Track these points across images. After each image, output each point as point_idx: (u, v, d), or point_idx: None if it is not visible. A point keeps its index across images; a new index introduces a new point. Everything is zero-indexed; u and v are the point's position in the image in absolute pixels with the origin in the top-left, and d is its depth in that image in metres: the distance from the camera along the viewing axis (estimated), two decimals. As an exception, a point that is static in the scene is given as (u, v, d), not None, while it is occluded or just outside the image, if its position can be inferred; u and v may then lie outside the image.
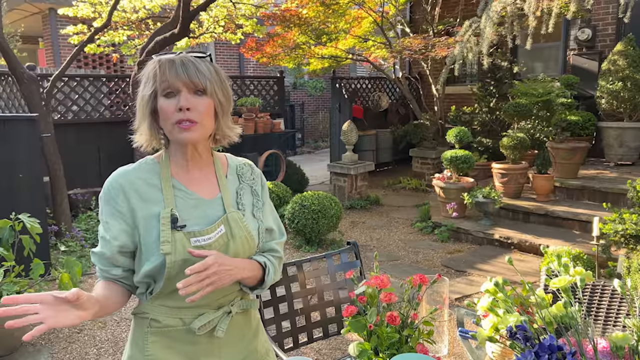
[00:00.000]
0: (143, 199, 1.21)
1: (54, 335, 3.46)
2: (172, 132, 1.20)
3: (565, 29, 7.49)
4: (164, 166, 1.26)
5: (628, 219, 3.66)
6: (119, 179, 1.23)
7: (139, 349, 1.25)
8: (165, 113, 1.18)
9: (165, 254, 1.16)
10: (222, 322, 1.26)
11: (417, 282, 1.42)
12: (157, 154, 1.30)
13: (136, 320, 1.28)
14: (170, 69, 1.17)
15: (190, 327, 1.23)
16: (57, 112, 6.40)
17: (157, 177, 1.25)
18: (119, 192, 1.21)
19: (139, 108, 1.23)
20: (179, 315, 1.24)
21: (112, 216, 1.21)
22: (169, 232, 1.18)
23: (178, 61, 1.18)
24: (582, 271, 1.13)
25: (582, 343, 1.07)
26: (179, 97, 1.18)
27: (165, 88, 1.18)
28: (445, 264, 4.76)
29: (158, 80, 1.18)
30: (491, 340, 1.14)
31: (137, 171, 1.25)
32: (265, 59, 7.82)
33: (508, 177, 5.83)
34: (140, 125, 1.25)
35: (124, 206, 1.20)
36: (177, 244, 1.18)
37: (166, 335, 1.24)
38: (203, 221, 1.24)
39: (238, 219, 1.28)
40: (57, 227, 4.97)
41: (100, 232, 1.23)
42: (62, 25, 8.81)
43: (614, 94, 6.20)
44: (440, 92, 8.24)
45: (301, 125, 14.07)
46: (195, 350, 1.26)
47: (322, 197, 5.22)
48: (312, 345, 2.92)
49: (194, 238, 1.20)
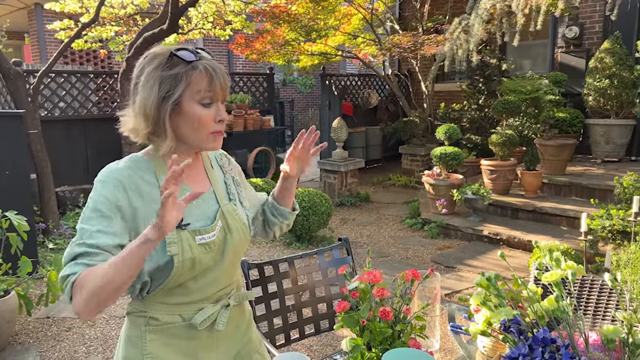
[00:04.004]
0: (142, 197, 1.16)
1: (42, 333, 3.43)
2: (202, 140, 1.19)
3: (553, 26, 7.55)
4: (158, 163, 1.21)
5: (615, 215, 3.70)
6: (117, 175, 1.15)
7: (137, 348, 1.22)
8: (203, 122, 1.16)
9: (172, 255, 1.14)
10: (222, 316, 1.26)
11: (410, 277, 1.43)
12: (144, 150, 1.24)
13: (131, 319, 1.25)
14: (215, 78, 1.15)
15: (190, 323, 1.22)
16: (44, 108, 6.32)
17: (152, 174, 1.20)
18: (119, 188, 1.14)
19: (154, 107, 1.13)
20: (178, 311, 1.22)
21: (111, 211, 1.11)
22: (174, 232, 1.14)
23: (218, 70, 1.15)
24: (574, 265, 1.14)
25: (573, 336, 1.08)
26: (216, 108, 1.17)
27: (205, 97, 1.15)
28: (435, 260, 4.78)
29: (198, 86, 1.14)
30: (484, 334, 1.15)
31: (132, 168, 1.18)
32: (254, 56, 7.78)
33: (497, 173, 5.87)
34: (151, 125, 1.16)
35: (125, 203, 1.13)
36: (184, 244, 1.16)
37: (165, 332, 1.22)
38: (202, 217, 1.23)
39: (232, 210, 1.29)
40: (44, 225, 4.92)
41: (96, 227, 1.09)
42: (49, 20, 8.70)
43: (601, 92, 6.26)
44: (429, 89, 8.27)
45: (291, 122, 14.04)
46: (195, 346, 1.25)
47: (313, 194, 5.22)
48: (303, 341, 2.92)
49: (199, 236, 1.19)
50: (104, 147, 6.65)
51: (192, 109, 1.14)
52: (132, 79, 1.20)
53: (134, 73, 1.19)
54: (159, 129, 1.16)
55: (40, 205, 5.20)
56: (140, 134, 1.19)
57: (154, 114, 1.14)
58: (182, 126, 1.17)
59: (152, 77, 1.14)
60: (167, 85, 1.13)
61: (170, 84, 1.13)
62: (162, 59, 1.15)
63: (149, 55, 1.18)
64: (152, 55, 1.17)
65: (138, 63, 1.19)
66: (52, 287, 3.10)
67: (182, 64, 1.13)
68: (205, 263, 1.20)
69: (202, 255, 1.18)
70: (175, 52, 1.14)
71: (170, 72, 1.13)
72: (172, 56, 1.14)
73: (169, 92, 1.13)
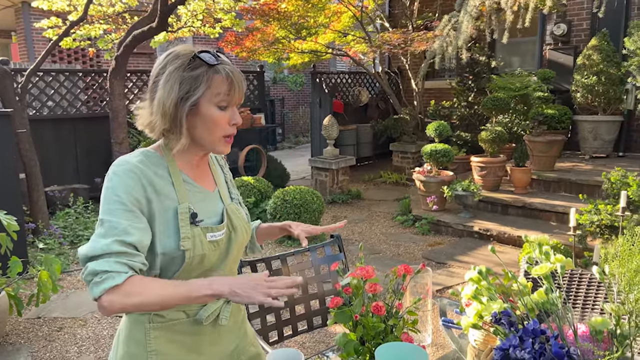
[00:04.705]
0: (157, 191, 1.17)
1: (33, 333, 3.41)
2: (214, 143, 1.22)
3: (542, 23, 7.61)
4: (171, 160, 1.23)
5: (603, 210, 3.75)
6: (132, 168, 1.15)
7: (140, 345, 1.23)
8: (218, 125, 1.19)
9: (185, 250, 1.16)
10: (225, 311, 1.28)
11: (402, 272, 1.44)
12: (154, 146, 1.25)
13: (133, 317, 1.25)
14: (235, 83, 1.18)
15: (195, 319, 1.25)
16: (32, 107, 6.27)
17: (164, 170, 1.21)
18: (136, 181, 1.14)
19: (173, 105, 1.15)
20: (182, 308, 1.24)
21: (133, 204, 1.12)
22: (188, 227, 1.18)
23: (237, 75, 1.19)
24: (563, 258, 1.16)
25: (562, 328, 1.10)
26: (232, 112, 1.21)
27: (223, 101, 1.18)
28: (426, 256, 4.81)
29: (218, 89, 1.16)
30: (475, 327, 1.16)
31: (145, 163, 1.19)
32: (244, 54, 7.77)
33: (487, 170, 5.92)
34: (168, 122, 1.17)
35: (141, 196, 1.14)
36: (196, 240, 1.19)
37: (170, 329, 1.24)
38: (211, 214, 1.27)
39: (235, 210, 1.33)
40: (34, 225, 4.88)
41: (126, 221, 1.09)
42: (36, 18, 8.62)
43: (588, 88, 6.33)
44: (419, 86, 8.31)
45: (281, 120, 14.03)
46: (200, 341, 1.28)
47: (304, 192, 5.22)
48: (296, 338, 2.93)
49: (210, 233, 1.22)
50: (93, 147, 6.60)
51: (210, 111, 1.17)
52: (151, 76, 1.21)
53: (155, 70, 1.20)
54: (175, 127, 1.18)
55: (29, 205, 5.16)
56: (156, 130, 1.21)
57: (172, 112, 1.16)
58: (197, 127, 1.19)
59: (174, 76, 1.16)
60: (187, 85, 1.15)
61: (190, 85, 1.15)
62: (185, 59, 1.16)
63: (172, 54, 1.19)
64: (175, 55, 1.18)
65: (159, 60, 1.20)
66: (42, 287, 3.08)
67: (204, 67, 1.15)
68: (213, 260, 1.24)
69: (211, 253, 1.22)
70: (199, 54, 1.16)
71: (192, 74, 1.15)
72: (195, 58, 1.16)
73: (189, 92, 1.15)
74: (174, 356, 1.24)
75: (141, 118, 1.22)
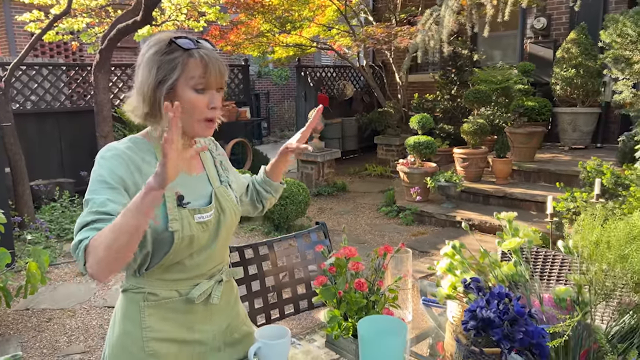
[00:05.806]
0: (142, 176, 1.22)
1: (22, 324, 3.44)
2: (193, 126, 1.23)
3: (522, 17, 7.74)
4: (157, 145, 1.27)
5: (579, 197, 3.88)
6: (119, 153, 1.21)
7: (134, 323, 1.29)
8: (196, 108, 1.21)
9: (174, 231, 1.21)
10: (216, 290, 1.35)
11: (383, 252, 1.52)
12: (143, 132, 1.31)
13: (128, 296, 1.31)
14: (212, 67, 1.19)
15: (187, 297, 1.31)
16: (15, 101, 6.23)
17: (152, 155, 1.26)
18: (122, 164, 1.20)
19: (151, 89, 1.20)
20: (175, 287, 1.30)
21: (117, 183, 1.16)
22: (176, 209, 1.23)
23: (213, 59, 1.20)
24: (530, 234, 1.25)
25: (530, 297, 1.19)
26: (210, 96, 1.22)
27: (199, 84, 1.20)
28: (410, 245, 4.92)
29: (192, 73, 1.19)
30: (449, 298, 1.25)
31: (132, 149, 1.24)
32: (229, 47, 7.78)
33: (469, 161, 6.04)
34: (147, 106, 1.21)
35: (128, 178, 1.19)
36: (184, 221, 1.24)
37: (163, 307, 1.30)
38: (197, 197, 1.31)
39: (224, 192, 1.38)
40: (20, 219, 4.88)
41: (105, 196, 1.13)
42: (17, 12, 8.53)
43: (567, 81, 6.47)
44: (403, 80, 8.40)
45: (267, 114, 14.04)
46: (192, 319, 1.34)
47: (290, 184, 5.29)
48: (283, 324, 3.01)
49: (198, 215, 1.27)
50: (78, 141, 6.58)
51: (186, 94, 1.20)
52: (135, 63, 1.26)
53: (139, 57, 1.25)
54: (155, 111, 1.22)
55: (14, 199, 5.15)
56: (138, 114, 1.25)
57: (151, 96, 1.20)
58: None
59: (152, 61, 1.20)
60: (163, 70, 1.19)
61: (166, 69, 1.19)
62: (163, 44, 1.21)
63: (153, 40, 1.24)
64: (155, 41, 1.23)
65: (143, 47, 1.26)
66: (31, 277, 3.11)
67: (179, 51, 1.19)
68: (202, 241, 1.29)
69: (200, 234, 1.27)
70: (175, 39, 1.20)
71: (168, 57, 1.19)
72: (171, 43, 1.20)
73: (165, 76, 1.19)
74: (168, 332, 1.31)
75: (128, 104, 1.27)
